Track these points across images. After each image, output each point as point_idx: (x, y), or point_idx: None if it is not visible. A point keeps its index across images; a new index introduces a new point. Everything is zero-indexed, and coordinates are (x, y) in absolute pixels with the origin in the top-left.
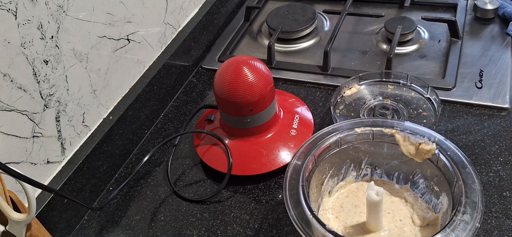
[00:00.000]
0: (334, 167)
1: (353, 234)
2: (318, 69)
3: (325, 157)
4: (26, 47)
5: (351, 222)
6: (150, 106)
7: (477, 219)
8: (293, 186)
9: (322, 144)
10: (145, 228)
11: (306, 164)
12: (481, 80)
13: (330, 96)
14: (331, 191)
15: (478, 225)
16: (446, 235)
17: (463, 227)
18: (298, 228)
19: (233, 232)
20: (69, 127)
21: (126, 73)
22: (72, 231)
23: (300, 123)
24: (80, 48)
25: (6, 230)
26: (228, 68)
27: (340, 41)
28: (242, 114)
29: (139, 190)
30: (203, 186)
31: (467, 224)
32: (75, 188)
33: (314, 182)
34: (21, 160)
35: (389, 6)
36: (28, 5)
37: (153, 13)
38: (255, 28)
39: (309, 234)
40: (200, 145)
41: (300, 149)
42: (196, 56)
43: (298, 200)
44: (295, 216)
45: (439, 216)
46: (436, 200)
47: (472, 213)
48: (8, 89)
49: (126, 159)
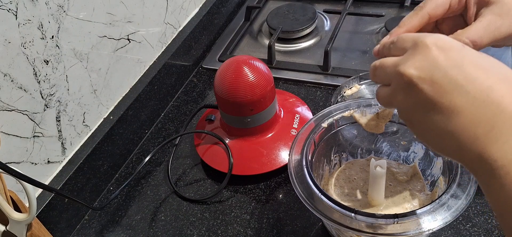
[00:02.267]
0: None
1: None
2: (318, 69)
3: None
4: (26, 47)
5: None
6: (151, 106)
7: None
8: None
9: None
10: (146, 227)
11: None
12: None
13: (330, 95)
14: None
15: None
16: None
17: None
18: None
19: (234, 231)
20: (70, 127)
21: (126, 73)
22: (72, 230)
23: (300, 122)
24: (81, 48)
25: (7, 230)
26: (228, 68)
27: (340, 41)
28: (243, 113)
29: (139, 189)
30: (203, 186)
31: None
32: (75, 188)
33: None
34: (22, 160)
35: (389, 6)
36: (28, 5)
37: (153, 13)
38: (256, 27)
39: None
40: (201, 145)
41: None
42: (196, 56)
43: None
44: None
45: (416, 164)
46: (406, 153)
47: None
48: (8, 89)
49: (126, 159)
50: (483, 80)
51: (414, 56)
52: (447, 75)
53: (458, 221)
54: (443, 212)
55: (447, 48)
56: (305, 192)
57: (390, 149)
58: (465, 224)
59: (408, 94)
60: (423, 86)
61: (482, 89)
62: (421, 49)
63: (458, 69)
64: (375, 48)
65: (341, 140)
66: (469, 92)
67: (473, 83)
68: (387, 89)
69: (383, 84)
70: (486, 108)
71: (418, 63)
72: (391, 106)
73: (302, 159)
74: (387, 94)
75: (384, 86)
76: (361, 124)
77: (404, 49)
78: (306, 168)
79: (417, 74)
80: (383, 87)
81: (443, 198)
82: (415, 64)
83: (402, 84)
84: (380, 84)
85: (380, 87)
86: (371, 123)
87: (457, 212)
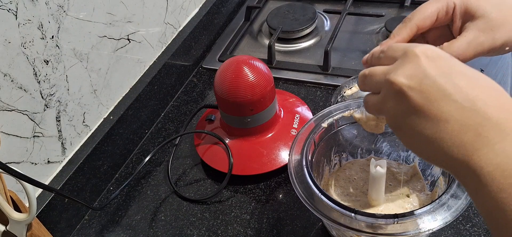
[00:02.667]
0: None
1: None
2: (318, 69)
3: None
4: (26, 47)
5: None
6: (151, 105)
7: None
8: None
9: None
10: (146, 227)
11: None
12: None
13: (330, 95)
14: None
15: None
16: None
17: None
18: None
19: (234, 231)
20: (70, 127)
21: (126, 73)
22: (72, 230)
23: (300, 122)
24: (81, 48)
25: (7, 230)
26: (228, 68)
27: (340, 41)
28: (243, 113)
29: (139, 189)
30: (203, 186)
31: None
32: (75, 188)
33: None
34: (22, 160)
35: (389, 6)
36: (28, 5)
37: (153, 13)
38: (256, 27)
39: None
40: (201, 145)
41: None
42: (196, 56)
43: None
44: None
45: (416, 164)
46: (406, 153)
47: None
48: (8, 89)
49: (126, 159)
50: (470, 90)
51: (404, 65)
52: (435, 83)
53: (458, 221)
54: (443, 212)
55: (436, 57)
56: (305, 192)
57: (390, 149)
58: (465, 224)
59: (397, 102)
60: (412, 94)
61: (469, 98)
62: (411, 58)
63: (447, 78)
64: (363, 58)
65: (341, 140)
66: (456, 100)
67: (460, 92)
68: (376, 97)
69: (372, 92)
70: (473, 116)
71: (408, 72)
72: (380, 114)
73: (302, 159)
74: (376, 102)
75: (373, 94)
76: (361, 124)
77: (394, 58)
78: (306, 168)
79: (407, 83)
80: (372, 95)
81: (443, 198)
82: (405, 72)
83: (392, 92)
84: (369, 92)
85: (368, 95)
86: (371, 123)
87: (457, 212)
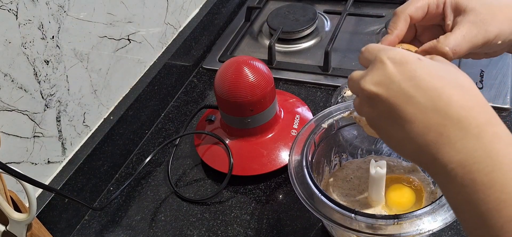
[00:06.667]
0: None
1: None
2: (318, 69)
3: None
4: (27, 47)
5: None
6: (151, 106)
7: None
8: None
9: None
10: (146, 228)
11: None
12: (482, 81)
13: (330, 96)
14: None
15: None
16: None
17: None
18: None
19: (234, 232)
20: (70, 127)
21: (126, 73)
22: (72, 231)
23: (300, 123)
24: (81, 48)
25: (7, 230)
26: (228, 68)
27: (340, 41)
28: (243, 114)
29: (139, 190)
30: (203, 186)
31: None
32: (75, 188)
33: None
34: (22, 160)
35: (390, 7)
36: (29, 5)
37: (153, 13)
38: (256, 28)
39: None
40: (201, 145)
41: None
42: (196, 56)
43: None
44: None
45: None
46: None
47: None
48: (9, 89)
49: (126, 159)
50: (435, 89)
51: (373, 72)
52: (400, 87)
53: (458, 221)
54: (443, 212)
55: (403, 62)
56: (305, 192)
57: (390, 150)
58: None
59: (371, 107)
60: (380, 100)
61: (432, 98)
62: (379, 64)
63: (411, 81)
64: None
65: (341, 141)
66: (419, 102)
67: (424, 93)
68: (357, 100)
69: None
70: (435, 115)
71: (376, 78)
72: (362, 116)
73: (302, 159)
74: (356, 105)
75: (357, 97)
76: (361, 125)
77: (369, 61)
78: (306, 169)
79: (375, 89)
80: (356, 98)
81: (443, 198)
82: (373, 79)
83: (365, 98)
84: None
85: (355, 97)
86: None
87: None
